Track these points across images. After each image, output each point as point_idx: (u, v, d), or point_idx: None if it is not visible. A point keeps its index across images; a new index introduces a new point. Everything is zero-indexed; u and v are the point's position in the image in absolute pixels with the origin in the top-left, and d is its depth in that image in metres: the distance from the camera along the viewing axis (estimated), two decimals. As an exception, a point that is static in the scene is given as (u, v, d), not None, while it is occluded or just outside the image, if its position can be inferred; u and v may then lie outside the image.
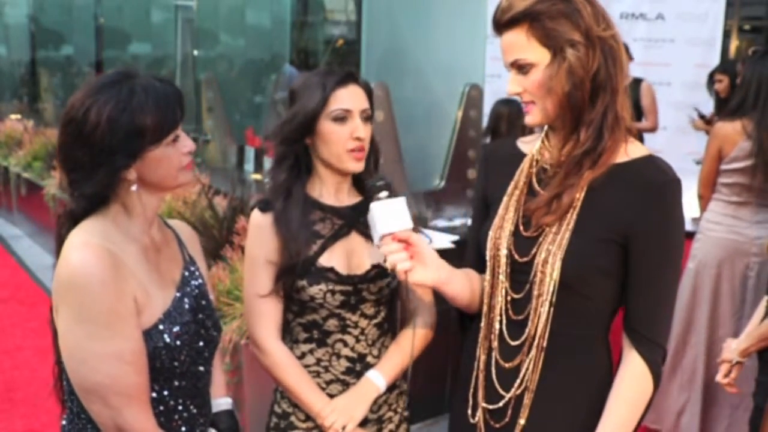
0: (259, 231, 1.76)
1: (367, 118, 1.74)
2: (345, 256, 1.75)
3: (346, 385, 1.77)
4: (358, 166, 1.73)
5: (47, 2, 10.08)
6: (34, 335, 4.69)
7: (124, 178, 1.41)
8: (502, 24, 1.43)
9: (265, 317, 1.76)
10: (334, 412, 1.71)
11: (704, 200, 3.36)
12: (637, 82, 5.19)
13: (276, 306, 1.76)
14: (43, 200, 6.13)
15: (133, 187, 1.42)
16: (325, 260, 1.72)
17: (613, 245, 1.43)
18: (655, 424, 3.45)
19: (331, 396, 1.76)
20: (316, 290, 1.71)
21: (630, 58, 5.05)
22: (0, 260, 6.50)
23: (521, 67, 1.43)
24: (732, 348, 2.34)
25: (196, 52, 7.12)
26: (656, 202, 1.41)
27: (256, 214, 1.77)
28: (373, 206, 1.50)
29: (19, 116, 8.87)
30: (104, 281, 1.35)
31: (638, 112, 5.16)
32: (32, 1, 10.22)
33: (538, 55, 1.41)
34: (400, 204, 1.49)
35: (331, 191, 1.78)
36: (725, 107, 5.15)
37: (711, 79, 5.28)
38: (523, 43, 1.41)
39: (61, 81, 9.62)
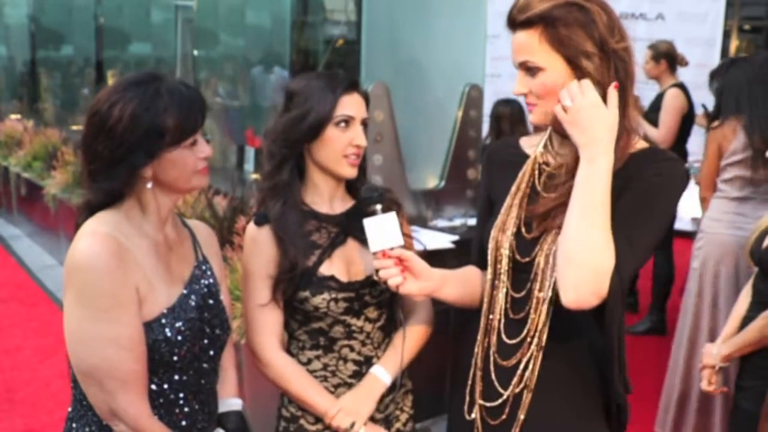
0: (255, 245, 1.76)
1: (365, 126, 1.76)
2: (344, 264, 1.76)
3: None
4: (352, 172, 1.75)
5: (47, 2, 10.07)
6: (34, 335, 4.70)
7: (141, 176, 1.45)
8: (517, 23, 1.43)
9: (266, 329, 1.76)
10: (342, 411, 1.72)
11: (706, 202, 3.33)
12: (673, 86, 4.68)
13: (277, 317, 1.76)
14: (43, 200, 6.14)
15: (149, 185, 1.46)
16: (325, 269, 1.73)
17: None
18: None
19: None
20: (320, 300, 1.71)
21: (684, 62, 4.73)
22: (0, 260, 6.50)
23: (529, 69, 1.43)
24: (713, 354, 2.30)
25: (196, 52, 7.12)
26: (651, 164, 1.41)
27: (251, 228, 1.77)
28: (366, 222, 1.52)
29: (19, 116, 8.88)
30: (107, 267, 1.38)
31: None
32: (32, 1, 10.21)
33: (548, 59, 1.40)
34: (391, 221, 1.52)
35: (325, 198, 1.79)
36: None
37: (712, 79, 5.22)
38: (534, 46, 1.41)
39: (61, 81, 9.63)
